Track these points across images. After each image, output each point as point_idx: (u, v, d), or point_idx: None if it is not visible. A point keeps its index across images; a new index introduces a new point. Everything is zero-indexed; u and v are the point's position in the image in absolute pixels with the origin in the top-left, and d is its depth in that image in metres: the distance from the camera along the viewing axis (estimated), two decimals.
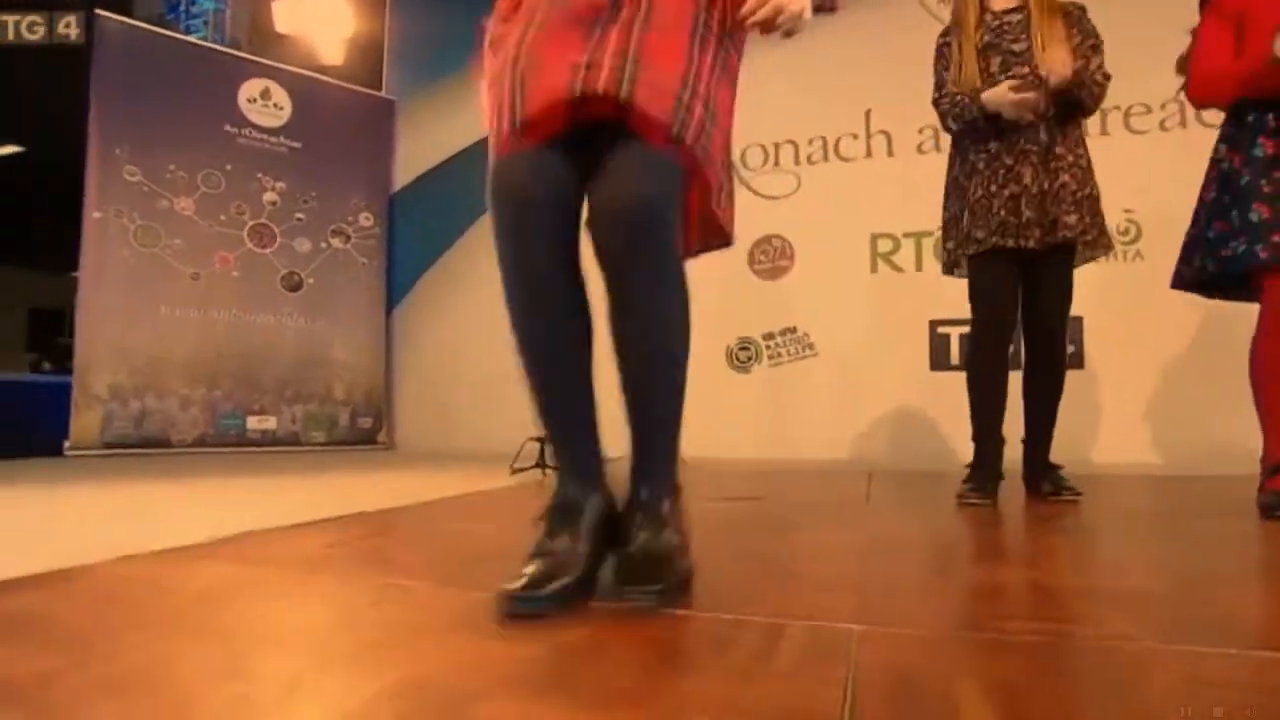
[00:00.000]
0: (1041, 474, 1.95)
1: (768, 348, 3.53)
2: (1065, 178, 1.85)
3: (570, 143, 0.97)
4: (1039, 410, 1.96)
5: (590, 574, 0.93)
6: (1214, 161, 1.76)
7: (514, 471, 2.58)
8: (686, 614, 0.87)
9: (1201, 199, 1.77)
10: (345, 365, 4.19)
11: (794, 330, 3.48)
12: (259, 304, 3.93)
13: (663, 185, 0.95)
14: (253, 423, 3.87)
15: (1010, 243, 1.83)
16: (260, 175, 3.99)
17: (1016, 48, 1.90)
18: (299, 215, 4.09)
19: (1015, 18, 1.92)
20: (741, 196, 3.40)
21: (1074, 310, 1.98)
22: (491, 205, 0.98)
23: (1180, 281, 1.82)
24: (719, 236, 1.11)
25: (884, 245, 3.43)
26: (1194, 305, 2.06)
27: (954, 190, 2.00)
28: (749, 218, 3.30)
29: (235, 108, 3.96)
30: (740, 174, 3.62)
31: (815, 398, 3.42)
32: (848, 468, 3.08)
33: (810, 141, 3.55)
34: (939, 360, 3.33)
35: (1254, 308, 1.68)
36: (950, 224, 2.00)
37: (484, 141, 3.97)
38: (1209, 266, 1.70)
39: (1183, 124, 3.07)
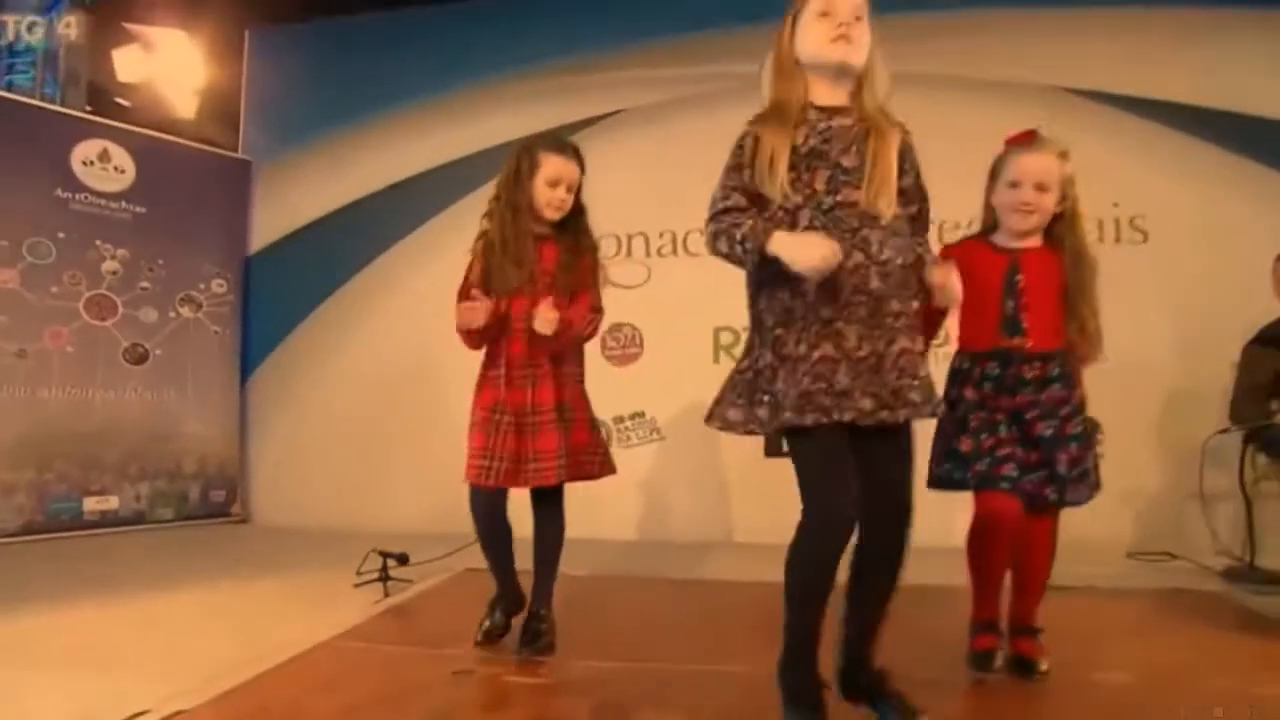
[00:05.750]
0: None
1: (618, 430, 3.73)
2: (904, 341, 1.38)
3: None
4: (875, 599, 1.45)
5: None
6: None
7: (357, 585, 2.64)
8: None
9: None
10: (197, 438, 4.07)
11: (643, 415, 3.70)
12: (99, 379, 3.76)
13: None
14: (90, 504, 3.71)
15: (816, 418, 1.32)
16: (99, 243, 3.81)
17: (846, 162, 1.40)
18: (144, 284, 3.93)
19: (845, 122, 1.43)
20: None
21: None
22: (476, 503, 2.01)
23: None
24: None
25: (726, 338, 3.68)
26: None
27: (762, 336, 1.43)
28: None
29: (68, 171, 3.75)
30: None
31: (667, 479, 3.64)
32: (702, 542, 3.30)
33: (660, 235, 3.77)
34: (773, 448, 3.63)
35: None
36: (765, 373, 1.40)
37: (350, 207, 3.95)
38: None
39: None
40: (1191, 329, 3.38)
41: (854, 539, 1.37)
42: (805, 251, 1.29)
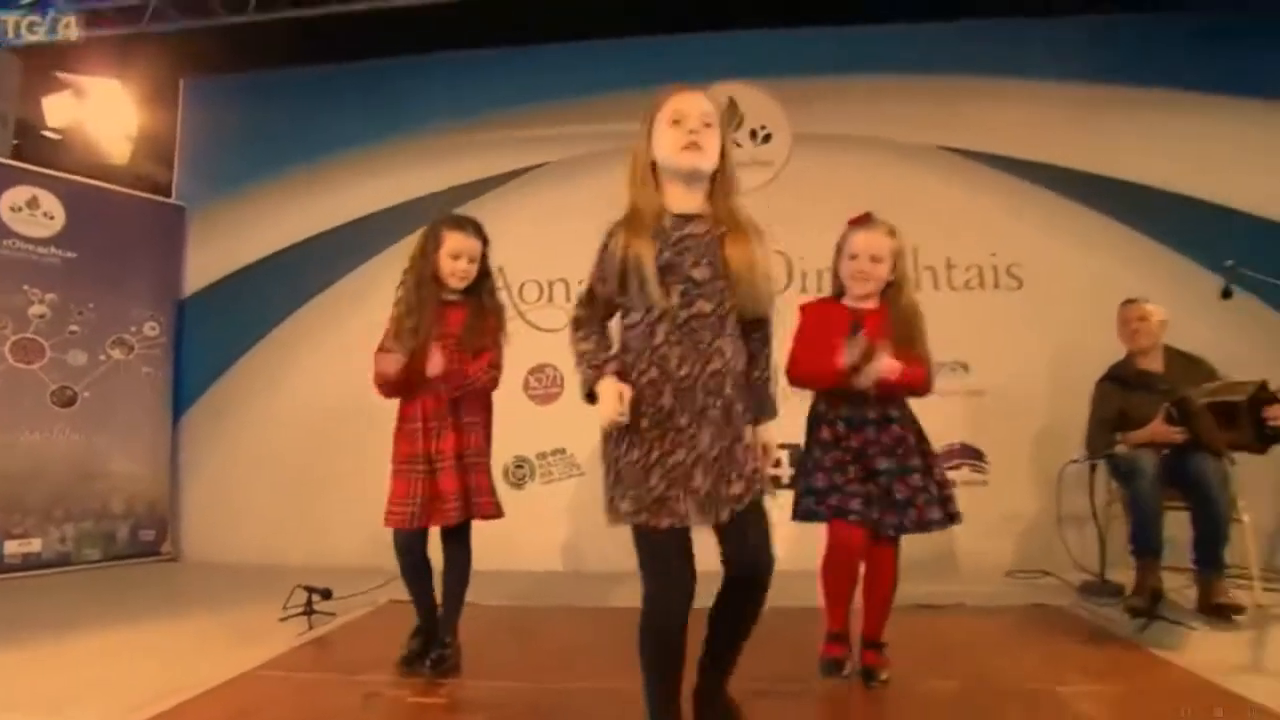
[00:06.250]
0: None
1: (540, 466, 3.93)
2: (746, 434, 1.54)
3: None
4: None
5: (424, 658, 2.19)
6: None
7: (283, 619, 2.76)
8: None
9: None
10: (125, 477, 4.10)
11: (564, 451, 3.91)
12: (23, 422, 3.79)
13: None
14: (11, 547, 3.70)
15: (670, 523, 1.45)
16: (27, 287, 3.85)
17: (697, 275, 1.49)
18: (73, 328, 3.98)
19: (698, 230, 1.52)
20: (518, 326, 3.80)
21: None
22: (399, 543, 2.18)
23: None
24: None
25: None
26: None
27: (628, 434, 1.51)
28: (525, 347, 3.65)
29: None
30: (518, 306, 4.02)
31: (586, 512, 3.84)
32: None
33: (580, 281, 3.94)
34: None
35: None
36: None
37: (283, 253, 4.09)
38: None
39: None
40: (1062, 366, 3.76)
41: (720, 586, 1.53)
42: (603, 408, 1.48)
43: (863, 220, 2.14)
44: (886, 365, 1.98)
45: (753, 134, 4.17)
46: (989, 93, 4.13)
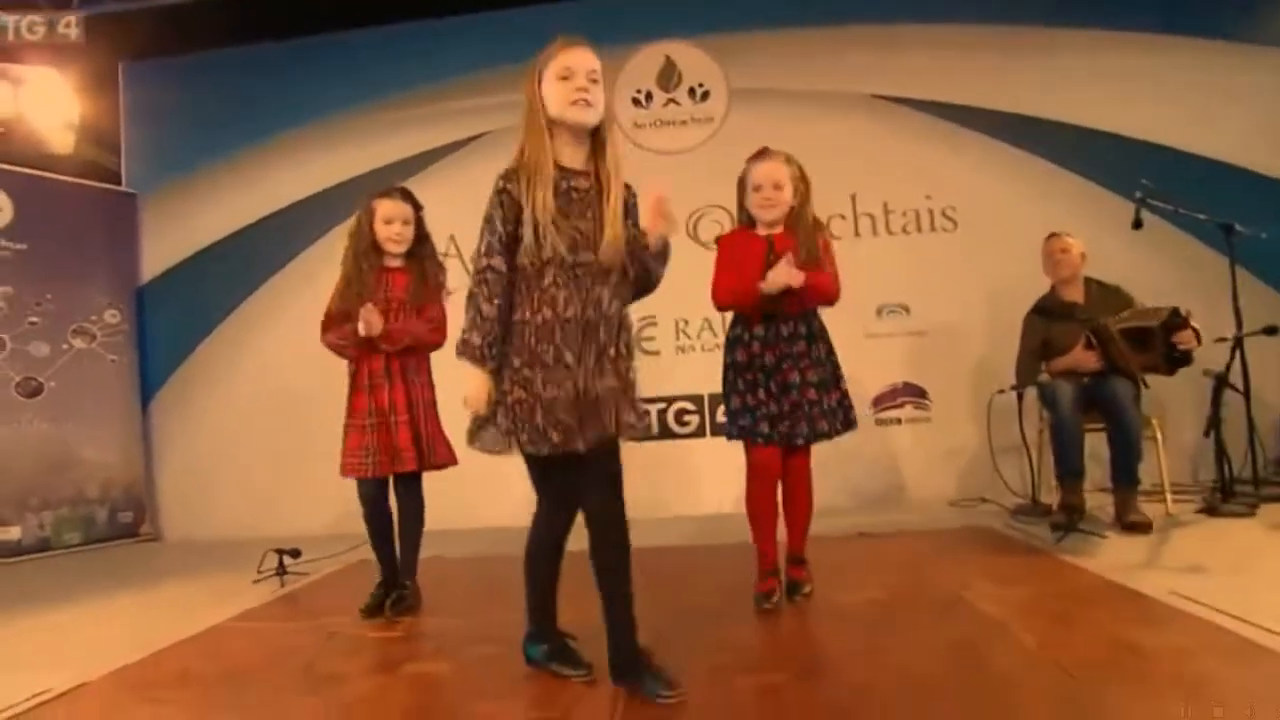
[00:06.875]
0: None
1: None
2: (611, 380, 1.61)
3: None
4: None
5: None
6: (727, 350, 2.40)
7: (256, 581, 2.90)
8: None
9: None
10: (98, 463, 4.19)
11: None
12: None
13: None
14: None
15: (551, 449, 1.58)
16: None
17: (583, 227, 1.59)
18: (32, 319, 4.03)
19: (583, 185, 1.62)
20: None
21: None
22: (362, 493, 2.37)
23: None
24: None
25: None
26: None
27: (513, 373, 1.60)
28: None
29: None
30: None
31: None
32: None
33: None
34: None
35: None
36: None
37: (240, 233, 4.14)
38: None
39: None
40: (998, 303, 3.91)
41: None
42: (473, 398, 1.58)
43: (761, 154, 2.26)
44: (790, 272, 2.09)
45: (691, 92, 4.26)
46: (921, 40, 4.22)
